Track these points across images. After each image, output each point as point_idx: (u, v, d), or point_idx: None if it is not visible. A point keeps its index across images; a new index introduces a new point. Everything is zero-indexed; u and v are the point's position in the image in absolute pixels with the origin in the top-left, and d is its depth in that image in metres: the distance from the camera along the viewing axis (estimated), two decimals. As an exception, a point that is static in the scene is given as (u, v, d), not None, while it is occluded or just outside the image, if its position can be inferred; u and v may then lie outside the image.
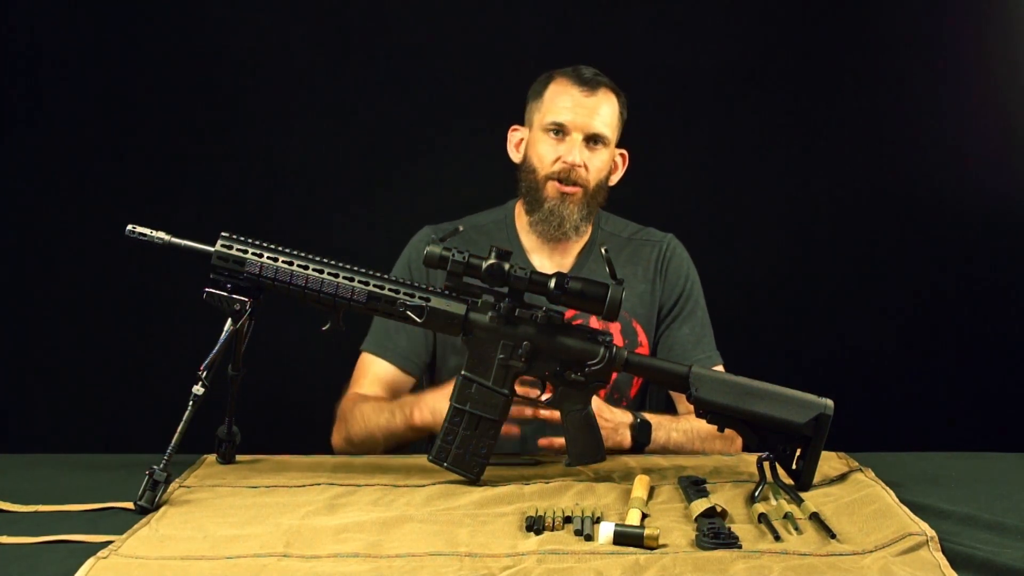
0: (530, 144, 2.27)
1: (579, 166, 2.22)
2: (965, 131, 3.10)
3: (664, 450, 2.09)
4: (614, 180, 2.33)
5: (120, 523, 1.64)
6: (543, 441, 2.01)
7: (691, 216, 3.07)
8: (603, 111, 2.23)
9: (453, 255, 1.85)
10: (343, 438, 2.19)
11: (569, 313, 1.94)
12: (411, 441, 2.14)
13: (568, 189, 2.23)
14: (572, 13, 3.11)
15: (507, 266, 1.85)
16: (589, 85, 2.24)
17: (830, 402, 1.87)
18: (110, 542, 1.56)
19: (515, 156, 2.32)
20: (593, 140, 2.23)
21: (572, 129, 2.22)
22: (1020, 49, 3.07)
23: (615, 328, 2.24)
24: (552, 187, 2.23)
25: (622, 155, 2.34)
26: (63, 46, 3.05)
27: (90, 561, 1.48)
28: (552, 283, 1.85)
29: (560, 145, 2.23)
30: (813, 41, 3.12)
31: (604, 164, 2.25)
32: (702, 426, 2.13)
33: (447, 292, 1.88)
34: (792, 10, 3.11)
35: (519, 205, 2.32)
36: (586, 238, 2.33)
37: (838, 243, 3.15)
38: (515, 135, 2.32)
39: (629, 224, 2.39)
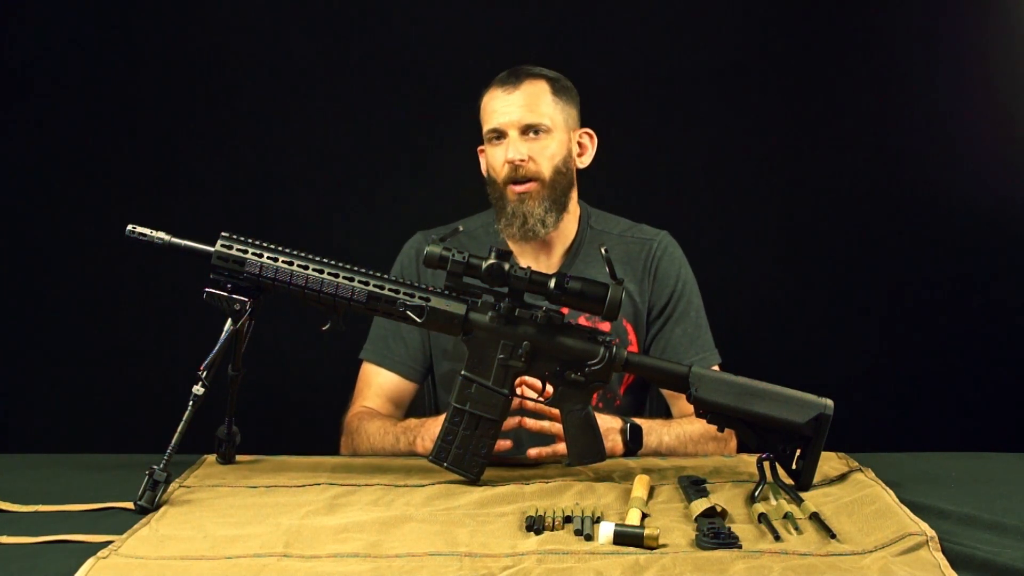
0: (486, 158, 2.29)
1: (523, 161, 2.21)
2: (965, 131, 3.09)
3: (656, 454, 2.09)
4: (585, 162, 2.33)
5: (120, 523, 1.64)
6: (532, 452, 2.01)
7: (689, 214, 3.07)
8: (531, 101, 2.23)
9: (453, 255, 1.85)
10: (350, 453, 2.20)
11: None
12: None
13: (521, 188, 2.23)
14: (570, 14, 3.11)
15: (507, 266, 1.85)
16: (510, 82, 2.24)
17: (830, 402, 1.87)
18: (110, 542, 1.56)
19: (485, 174, 2.33)
20: (531, 131, 2.23)
21: (506, 129, 2.23)
22: (1020, 49, 3.07)
23: (604, 328, 2.23)
24: (510, 191, 2.24)
25: (588, 135, 2.33)
26: (63, 45, 3.05)
27: (90, 561, 1.48)
28: (552, 283, 1.85)
29: (503, 149, 2.23)
30: (812, 40, 3.11)
31: (555, 150, 2.24)
32: (694, 429, 2.14)
33: (447, 292, 1.89)
34: (791, 9, 3.11)
35: None
36: (571, 237, 2.32)
37: (837, 242, 3.15)
38: (483, 156, 2.33)
39: (621, 221, 2.38)
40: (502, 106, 2.23)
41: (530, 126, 2.22)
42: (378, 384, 2.30)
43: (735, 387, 1.88)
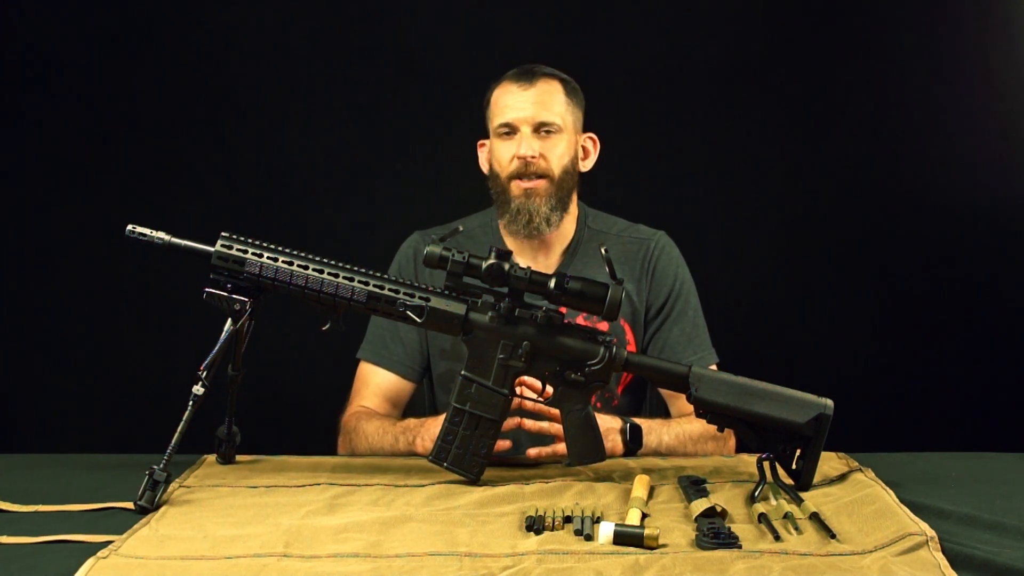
0: (491, 152, 2.29)
1: (535, 157, 2.22)
2: (965, 131, 3.09)
3: (656, 454, 2.09)
4: (587, 166, 2.33)
5: (120, 523, 1.65)
6: (532, 452, 2.01)
7: (688, 214, 3.08)
8: (545, 99, 2.24)
9: (453, 255, 1.85)
10: (347, 453, 2.19)
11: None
12: None
13: (530, 184, 2.23)
14: (569, 13, 3.11)
15: (507, 266, 1.85)
16: (526, 78, 2.25)
17: (830, 402, 1.87)
18: (110, 542, 1.56)
19: (484, 168, 2.33)
20: (543, 129, 2.23)
21: (519, 124, 2.23)
22: (1020, 49, 3.07)
23: (601, 327, 2.23)
24: (516, 186, 2.24)
25: (591, 139, 2.34)
26: (63, 45, 3.05)
27: (90, 561, 1.48)
28: (552, 283, 1.85)
29: (513, 144, 2.23)
30: (812, 40, 3.12)
31: (564, 150, 2.25)
32: (693, 429, 2.14)
33: (447, 292, 1.89)
34: (791, 9, 3.11)
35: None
36: (570, 237, 2.32)
37: (837, 242, 3.15)
38: (482, 149, 2.34)
39: (618, 221, 2.38)
40: (516, 101, 2.23)
41: (543, 124, 2.23)
42: (376, 383, 2.30)
43: (735, 387, 1.88)
